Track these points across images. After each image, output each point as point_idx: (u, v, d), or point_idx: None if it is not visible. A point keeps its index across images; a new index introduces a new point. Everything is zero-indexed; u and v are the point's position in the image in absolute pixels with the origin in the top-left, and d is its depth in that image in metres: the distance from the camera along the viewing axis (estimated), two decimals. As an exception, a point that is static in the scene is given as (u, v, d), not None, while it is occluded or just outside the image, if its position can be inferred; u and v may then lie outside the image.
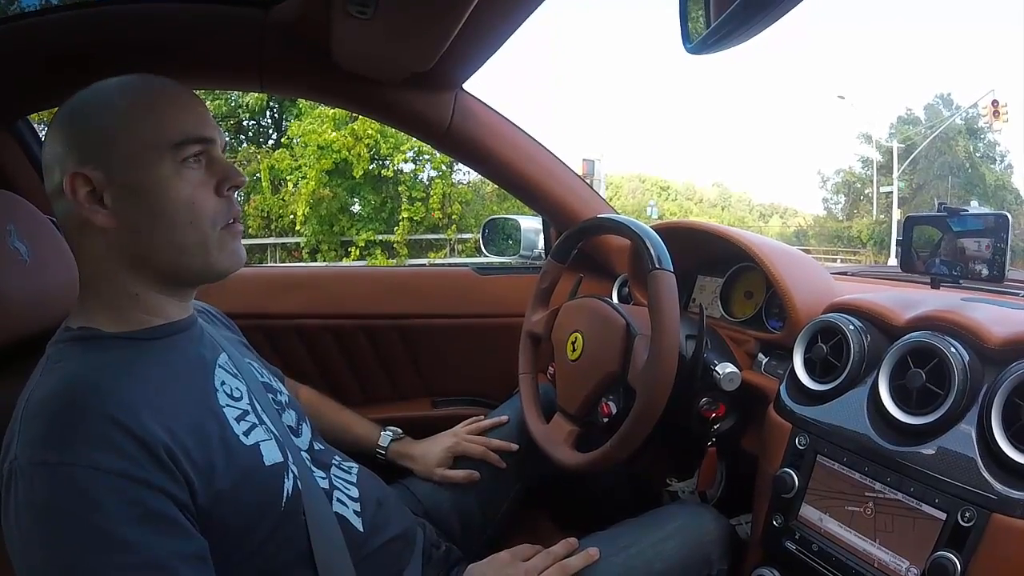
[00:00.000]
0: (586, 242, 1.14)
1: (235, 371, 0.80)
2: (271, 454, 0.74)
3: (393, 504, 0.94)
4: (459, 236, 13.16)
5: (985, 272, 0.82)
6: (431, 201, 12.79)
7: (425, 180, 13.54)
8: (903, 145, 27.02)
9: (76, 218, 0.69)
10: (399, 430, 1.18)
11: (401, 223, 12.67)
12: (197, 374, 0.73)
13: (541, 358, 1.20)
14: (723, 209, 41.94)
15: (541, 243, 1.70)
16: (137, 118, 0.69)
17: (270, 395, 0.85)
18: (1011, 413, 0.69)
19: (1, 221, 0.77)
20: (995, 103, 21.06)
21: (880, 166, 28.21)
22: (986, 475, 0.68)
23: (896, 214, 23.67)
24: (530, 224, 1.69)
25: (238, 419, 0.73)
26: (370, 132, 12.06)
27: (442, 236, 13.02)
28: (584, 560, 0.88)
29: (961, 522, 0.68)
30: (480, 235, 1.79)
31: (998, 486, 0.67)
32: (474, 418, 1.23)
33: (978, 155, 27.36)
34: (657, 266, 0.89)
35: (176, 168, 0.69)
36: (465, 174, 13.79)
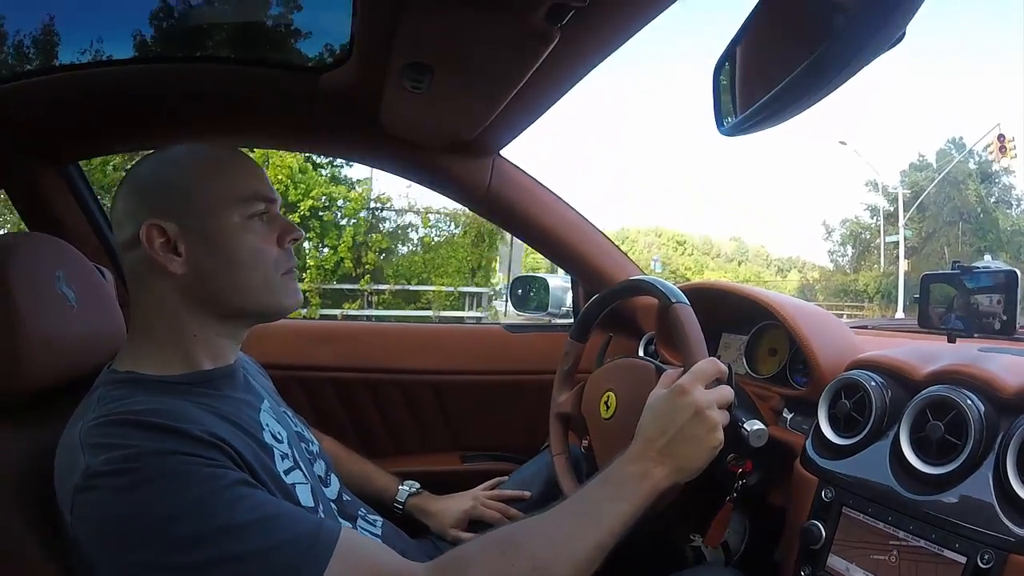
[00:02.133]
0: (613, 306, 1.18)
1: (275, 417, 0.85)
2: (305, 498, 0.78)
3: (418, 557, 0.96)
4: (375, 287, 12.56)
5: (997, 326, 0.85)
6: (340, 249, 12.26)
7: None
8: (909, 192, 25.84)
9: (147, 264, 0.75)
10: (417, 484, 1.20)
11: (308, 271, 12.08)
12: (245, 413, 0.78)
13: (575, 433, 1.21)
14: (740, 264, 41.41)
15: (569, 301, 1.74)
16: (209, 176, 0.78)
17: (303, 444, 0.89)
18: None
19: (50, 266, 0.81)
20: (1001, 138, 20.47)
21: (888, 214, 27.32)
22: (1003, 518, 0.70)
23: (903, 264, 22.78)
24: (557, 283, 1.75)
25: (282, 458, 0.78)
26: (280, 178, 11.62)
27: (356, 287, 12.41)
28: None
29: (980, 564, 0.70)
30: (509, 294, 1.84)
31: (1015, 528, 0.69)
32: (496, 479, 1.25)
33: (992, 199, 26.33)
34: (674, 301, 0.91)
35: (243, 221, 0.78)
36: (389, 222, 13.39)
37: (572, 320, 1.66)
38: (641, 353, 1.53)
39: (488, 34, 0.81)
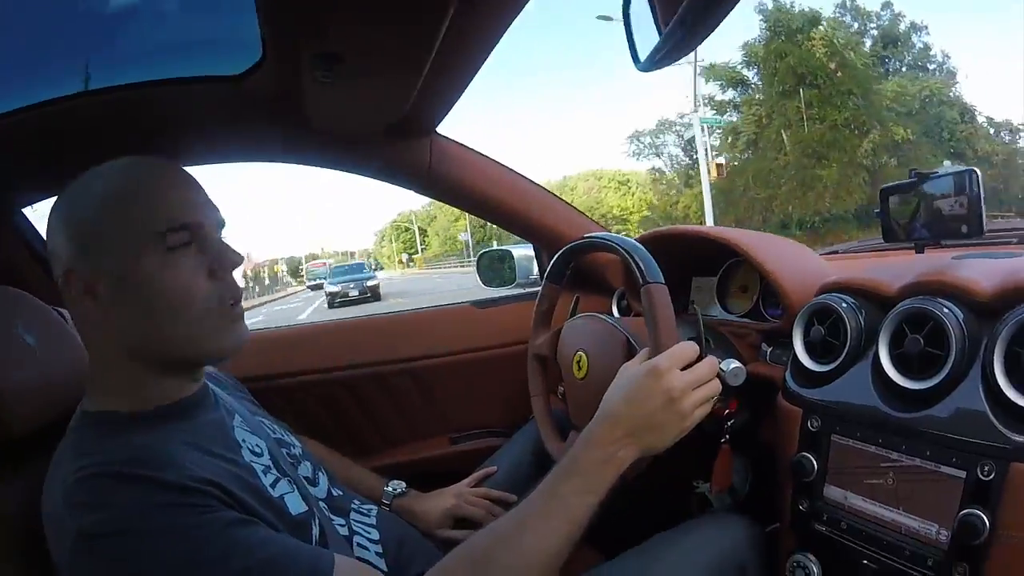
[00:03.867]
0: (578, 261, 1.15)
1: (251, 429, 0.81)
2: (296, 505, 0.75)
3: (416, 542, 0.94)
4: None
5: (965, 229, 0.83)
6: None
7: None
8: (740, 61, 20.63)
9: (75, 309, 0.71)
10: (403, 484, 1.17)
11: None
12: (219, 437, 0.74)
13: (550, 378, 1.21)
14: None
15: (535, 269, 1.72)
16: (120, 207, 0.69)
17: (284, 449, 0.86)
18: (1013, 362, 0.70)
19: (8, 317, 0.79)
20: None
21: (719, 103, 21.54)
22: (999, 426, 0.69)
23: (708, 172, 18.07)
24: (522, 252, 1.72)
25: (264, 472, 0.75)
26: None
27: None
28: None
29: (981, 477, 0.69)
30: (476, 269, 1.81)
31: (1012, 435, 0.68)
32: (482, 472, 1.23)
33: (902, 66, 21.77)
34: (647, 280, 0.89)
35: (164, 257, 0.68)
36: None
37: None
38: (615, 309, 1.52)
39: (386, 13, 0.79)
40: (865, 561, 0.81)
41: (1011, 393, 0.69)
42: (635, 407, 0.76)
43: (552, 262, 1.16)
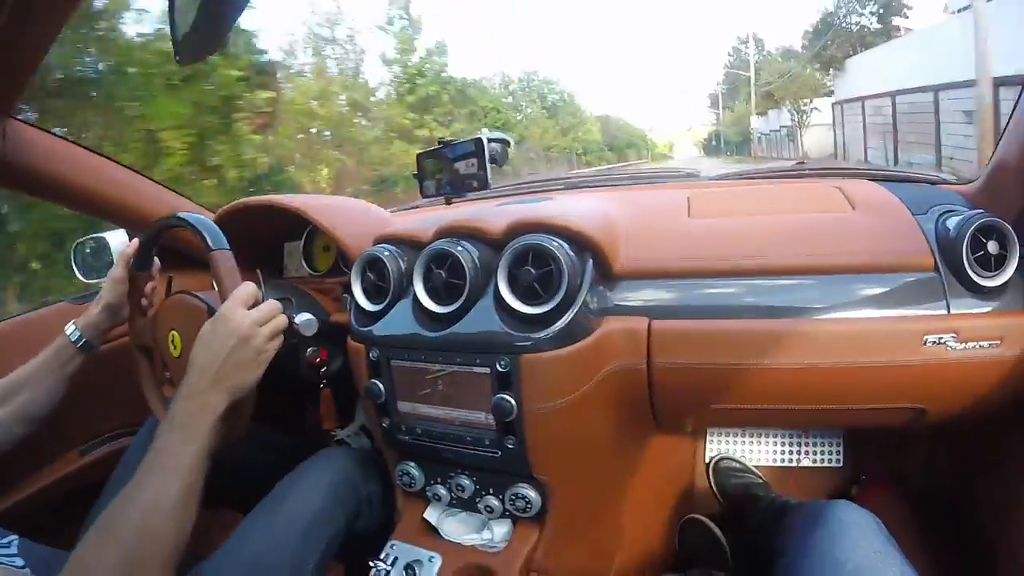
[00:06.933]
0: (166, 241, 1.13)
1: None
2: None
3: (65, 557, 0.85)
4: None
5: (475, 184, 1.06)
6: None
7: None
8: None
9: None
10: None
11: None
12: None
13: (159, 371, 1.18)
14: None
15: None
16: None
17: None
18: (513, 280, 0.92)
19: None
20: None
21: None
22: (507, 330, 0.91)
23: None
24: (119, 238, 1.54)
25: None
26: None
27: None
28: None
29: (500, 369, 0.90)
30: (72, 262, 1.56)
31: (518, 335, 0.90)
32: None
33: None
34: (211, 248, 0.93)
35: None
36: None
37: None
38: (215, 285, 1.49)
39: None
40: (446, 455, 1.00)
41: (513, 303, 0.91)
42: (213, 354, 0.83)
43: (135, 252, 1.13)
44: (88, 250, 1.60)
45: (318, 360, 1.14)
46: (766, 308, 0.95)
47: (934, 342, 0.88)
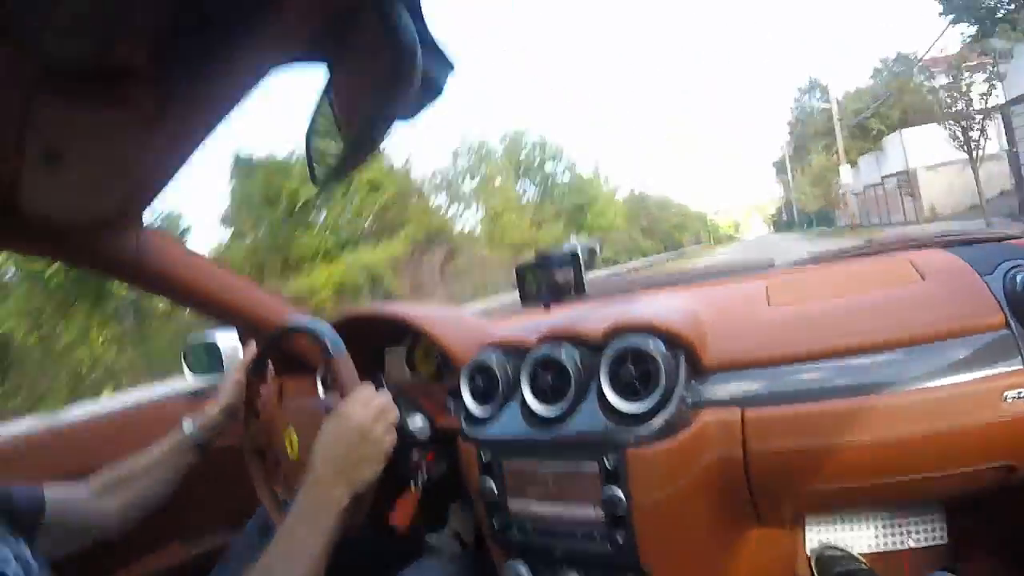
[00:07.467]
0: (279, 348, 1.22)
1: None
2: None
3: None
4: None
5: (572, 292, 1.16)
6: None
7: None
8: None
9: None
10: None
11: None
12: None
13: (270, 468, 1.24)
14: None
15: (241, 354, 1.70)
16: None
17: None
18: (615, 379, 0.98)
19: None
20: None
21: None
22: (612, 427, 0.96)
23: None
24: (227, 341, 1.67)
25: None
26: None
27: None
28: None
29: (607, 465, 0.95)
30: (183, 361, 1.70)
31: (621, 431, 0.95)
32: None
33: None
34: (331, 355, 1.02)
35: None
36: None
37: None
38: (320, 388, 1.59)
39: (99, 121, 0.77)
40: (556, 551, 1.04)
41: (617, 402, 0.97)
42: (336, 450, 0.91)
43: (254, 358, 1.22)
44: (199, 349, 1.73)
45: (424, 462, 1.17)
46: (848, 387, 0.97)
47: (1014, 397, 0.88)
